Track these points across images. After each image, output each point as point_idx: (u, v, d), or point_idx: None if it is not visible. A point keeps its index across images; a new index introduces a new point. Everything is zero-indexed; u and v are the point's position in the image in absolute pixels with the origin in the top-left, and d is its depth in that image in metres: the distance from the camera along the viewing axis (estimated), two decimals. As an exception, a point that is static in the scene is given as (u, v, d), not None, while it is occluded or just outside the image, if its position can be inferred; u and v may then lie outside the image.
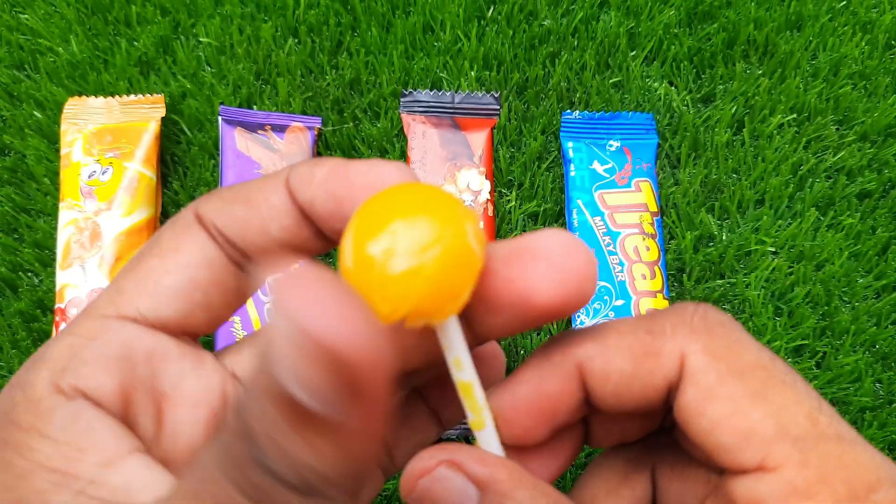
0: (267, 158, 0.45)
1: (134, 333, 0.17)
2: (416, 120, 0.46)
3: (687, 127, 0.48)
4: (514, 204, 0.46)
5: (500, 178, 0.47)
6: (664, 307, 0.19)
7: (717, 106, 0.48)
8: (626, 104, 0.48)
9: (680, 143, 0.48)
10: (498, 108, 0.47)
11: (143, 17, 0.49)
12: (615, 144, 0.46)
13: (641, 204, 0.45)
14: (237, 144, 0.45)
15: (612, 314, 0.43)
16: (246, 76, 0.48)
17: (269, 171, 0.45)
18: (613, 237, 0.44)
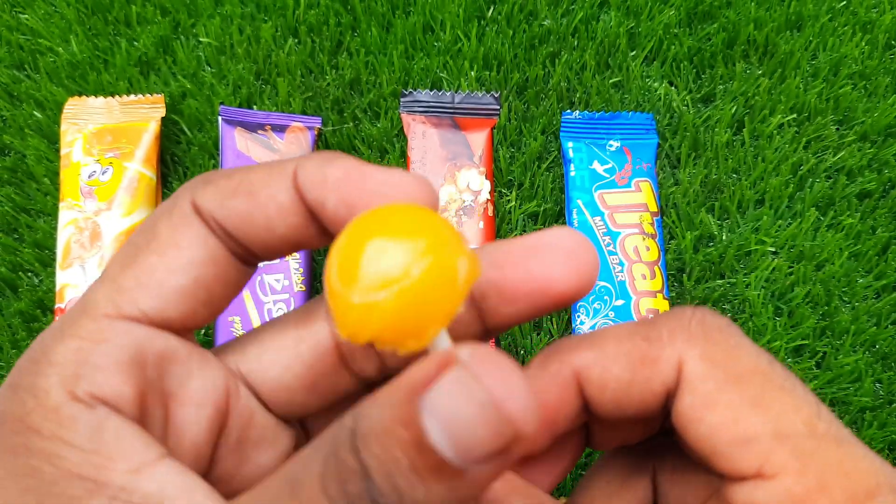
0: (267, 158, 0.45)
1: (143, 335, 0.17)
2: (416, 120, 0.46)
3: (687, 127, 0.48)
4: (514, 204, 0.46)
5: (500, 178, 0.47)
6: (662, 312, 0.19)
7: (717, 106, 0.48)
8: (626, 104, 0.48)
9: (680, 143, 0.48)
10: (498, 108, 0.47)
11: (143, 17, 0.49)
12: (615, 144, 0.46)
13: (641, 204, 0.45)
14: (237, 144, 0.45)
15: (611, 314, 0.43)
16: (246, 76, 0.48)
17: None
18: (613, 237, 0.44)
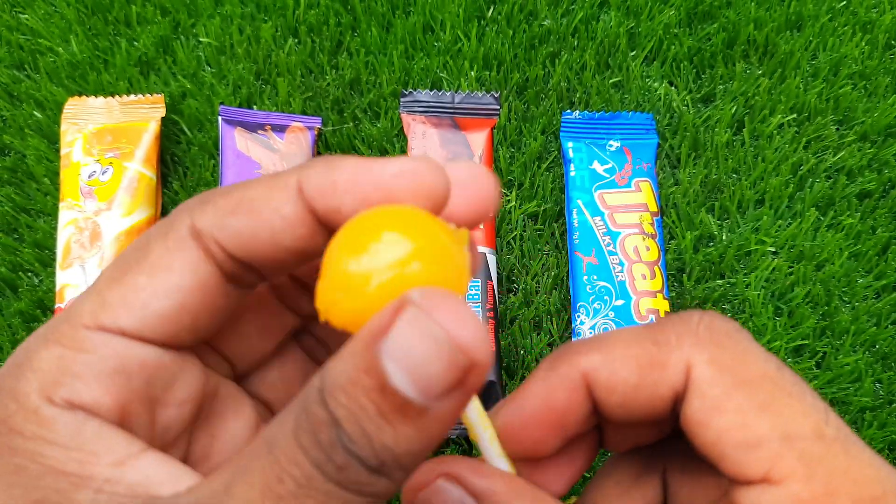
0: (267, 158, 0.45)
1: (125, 347, 0.17)
2: (416, 120, 0.46)
3: (687, 127, 0.48)
4: (514, 204, 0.46)
5: (500, 178, 0.47)
6: (670, 315, 0.19)
7: (717, 106, 0.48)
8: (626, 104, 0.48)
9: (680, 143, 0.48)
10: (498, 108, 0.47)
11: (143, 17, 0.49)
12: (615, 144, 0.46)
13: (641, 204, 0.45)
14: (237, 144, 0.45)
15: (611, 314, 0.43)
16: (246, 76, 0.48)
17: (269, 171, 0.45)
18: (613, 237, 0.44)
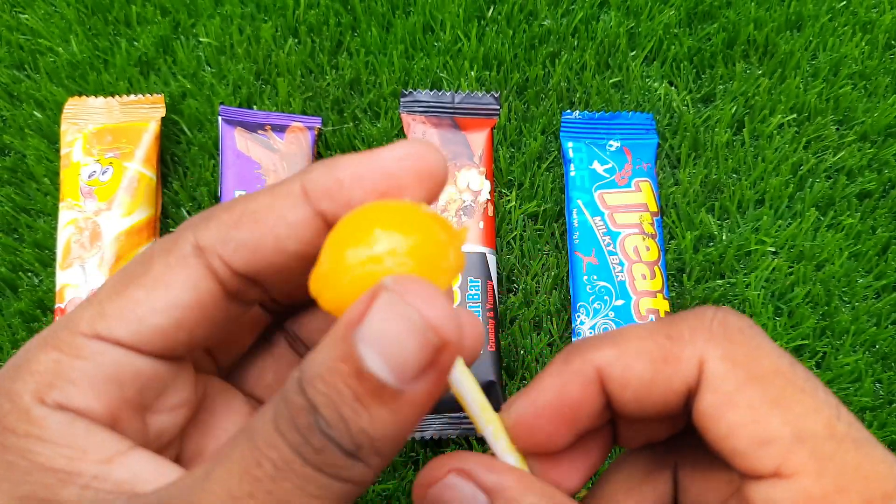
0: (267, 158, 0.45)
1: (120, 356, 0.17)
2: (416, 120, 0.46)
3: (687, 127, 0.48)
4: (514, 204, 0.46)
5: (500, 178, 0.47)
6: (683, 311, 0.19)
7: (717, 106, 0.48)
8: (626, 104, 0.48)
9: (680, 143, 0.48)
10: (498, 108, 0.47)
11: (143, 17, 0.49)
12: (615, 144, 0.46)
13: (641, 204, 0.45)
14: (237, 144, 0.45)
15: (612, 314, 0.43)
16: (246, 76, 0.48)
17: (268, 170, 0.45)
18: (613, 237, 0.44)
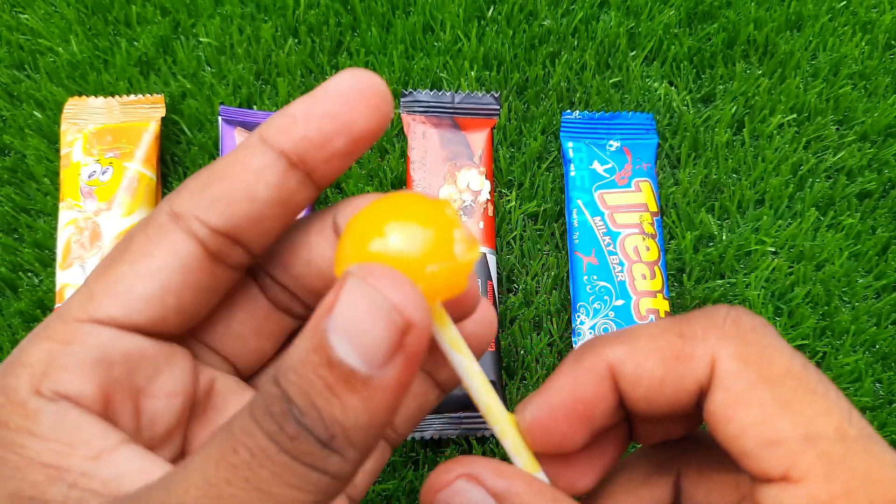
0: (267, 158, 0.45)
1: (109, 337, 0.17)
2: (416, 120, 0.46)
3: (687, 127, 0.48)
4: (514, 204, 0.46)
5: (500, 178, 0.47)
6: (696, 310, 0.19)
7: (717, 106, 0.48)
8: (626, 104, 0.48)
9: (680, 143, 0.48)
10: (498, 108, 0.47)
11: (143, 17, 0.49)
12: (615, 144, 0.46)
13: (641, 204, 0.45)
14: (237, 144, 0.45)
15: (612, 314, 0.43)
16: (246, 76, 0.48)
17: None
18: (613, 237, 0.44)
